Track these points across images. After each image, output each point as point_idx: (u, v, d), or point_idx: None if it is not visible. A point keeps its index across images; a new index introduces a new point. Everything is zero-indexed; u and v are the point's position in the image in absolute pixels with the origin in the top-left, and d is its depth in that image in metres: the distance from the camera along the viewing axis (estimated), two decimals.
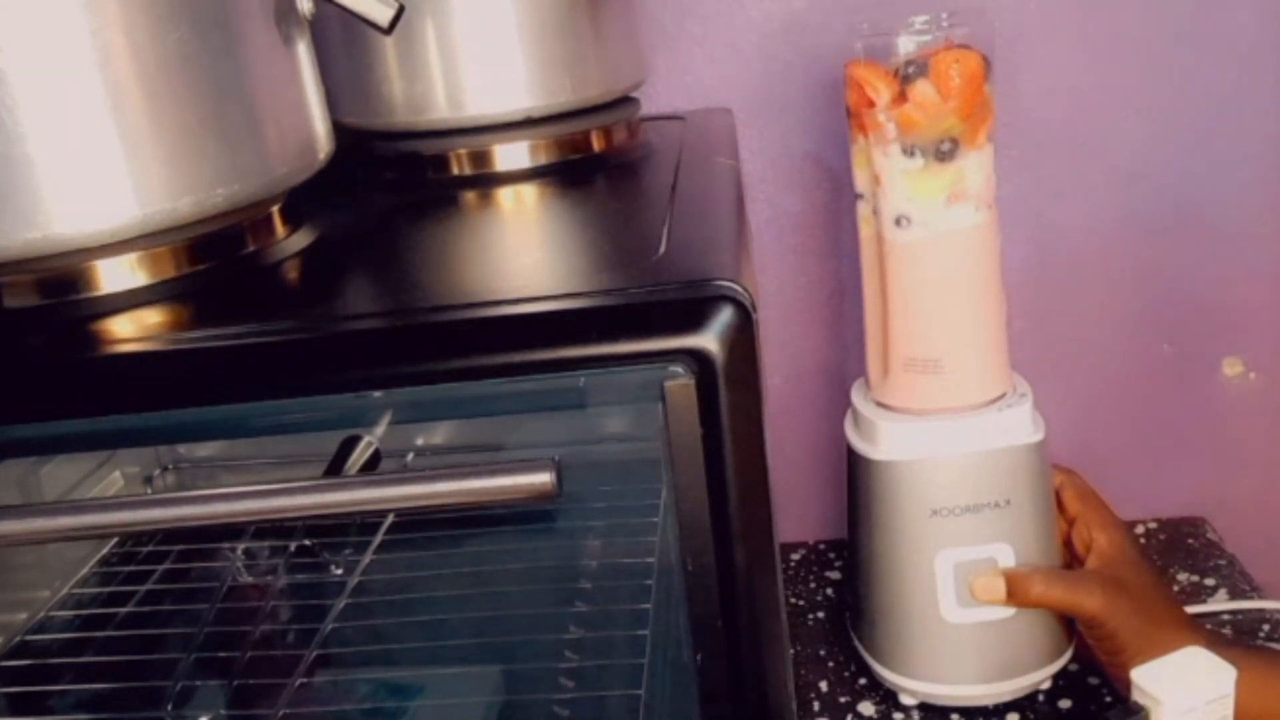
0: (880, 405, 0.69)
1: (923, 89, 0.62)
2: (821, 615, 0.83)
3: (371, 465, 0.42)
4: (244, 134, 0.45)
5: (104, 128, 0.41)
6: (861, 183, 0.67)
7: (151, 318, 0.44)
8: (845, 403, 0.72)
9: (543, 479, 0.36)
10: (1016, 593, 0.65)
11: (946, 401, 0.67)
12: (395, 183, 0.66)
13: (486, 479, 0.36)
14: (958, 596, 0.67)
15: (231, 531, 0.76)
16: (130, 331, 0.42)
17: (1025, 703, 0.71)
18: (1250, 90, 0.80)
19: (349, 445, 0.42)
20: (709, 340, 0.38)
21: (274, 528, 0.76)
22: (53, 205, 0.41)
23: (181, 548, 0.78)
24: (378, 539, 0.75)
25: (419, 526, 0.76)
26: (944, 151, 0.63)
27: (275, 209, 0.51)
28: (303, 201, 0.54)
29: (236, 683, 0.63)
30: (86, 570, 0.78)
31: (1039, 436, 0.67)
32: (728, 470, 0.39)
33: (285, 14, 0.48)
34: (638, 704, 0.58)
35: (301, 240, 0.52)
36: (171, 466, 0.83)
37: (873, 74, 0.63)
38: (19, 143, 0.40)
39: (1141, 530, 0.90)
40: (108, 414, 0.40)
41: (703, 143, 0.70)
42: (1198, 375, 0.88)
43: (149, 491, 0.81)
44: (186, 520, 0.38)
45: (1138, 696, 0.58)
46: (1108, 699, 0.71)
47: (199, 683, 0.63)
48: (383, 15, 0.48)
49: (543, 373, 0.39)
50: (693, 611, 0.41)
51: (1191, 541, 0.88)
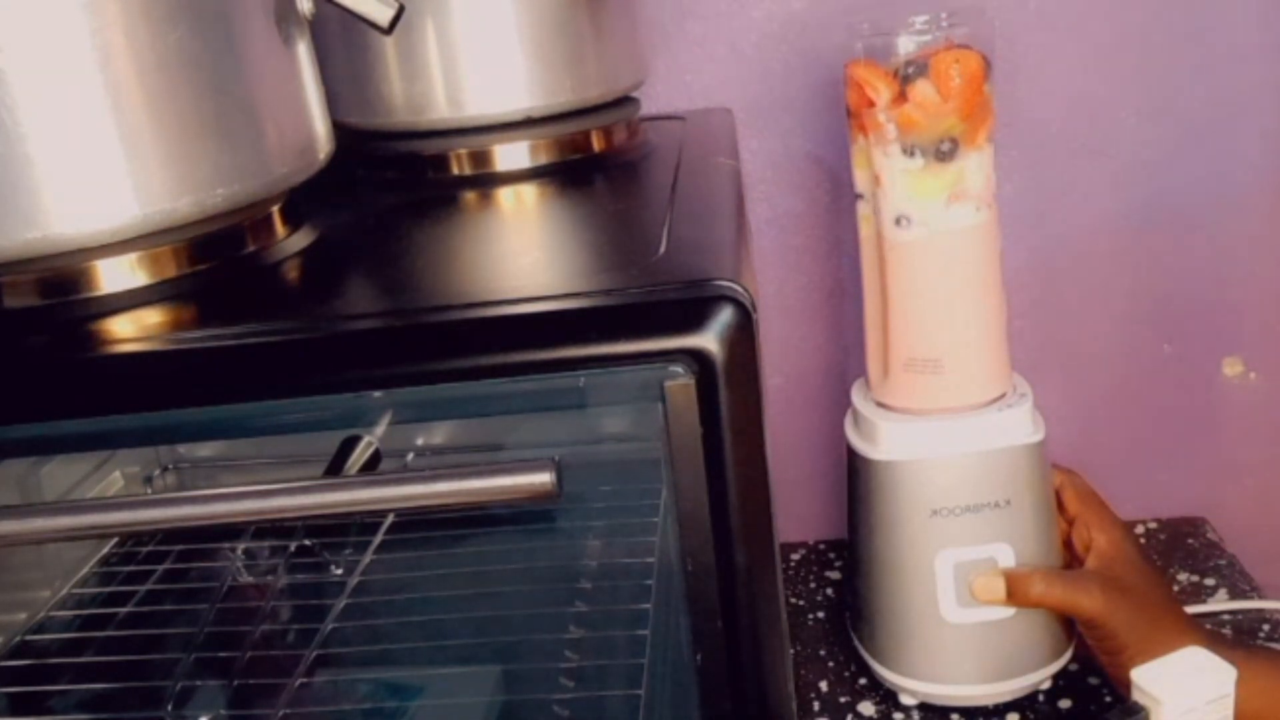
0: (880, 405, 0.69)
1: (923, 89, 0.62)
2: (821, 615, 0.83)
3: (371, 465, 0.42)
4: (244, 134, 0.45)
5: (104, 128, 0.41)
6: (861, 183, 0.67)
7: (151, 318, 0.44)
8: (845, 403, 0.72)
9: (543, 479, 0.36)
10: (1016, 593, 0.65)
11: (946, 401, 0.67)
12: (395, 183, 0.66)
13: (486, 479, 0.36)
14: (958, 596, 0.67)
15: (231, 531, 0.76)
16: (130, 331, 0.42)
17: (1025, 703, 0.71)
18: (1250, 90, 0.80)
19: (349, 445, 0.42)
20: (709, 340, 0.38)
21: (274, 528, 0.76)
22: (53, 205, 0.41)
23: (181, 548, 0.78)
24: (378, 539, 0.75)
25: (419, 526, 0.76)
26: (944, 151, 0.63)
27: (275, 209, 0.51)
28: (303, 201, 0.55)
29: (236, 683, 0.63)
30: (86, 570, 0.78)
31: (1039, 436, 0.67)
32: (728, 470, 0.39)
33: (285, 14, 0.48)
34: (638, 704, 0.58)
35: (301, 240, 0.52)
36: (171, 466, 0.83)
37: (873, 74, 0.63)
38: (19, 143, 0.40)
39: (1141, 530, 0.90)
40: (108, 414, 0.40)
41: (703, 143, 0.70)
42: (1198, 375, 0.88)
43: (149, 491, 0.81)
44: (186, 520, 0.38)
45: (1138, 696, 0.58)
46: (1108, 699, 0.71)
47: (199, 683, 0.63)
48: (383, 15, 0.48)
49: (543, 373, 0.39)
50: (693, 611, 0.41)
51: (1191, 541, 0.88)
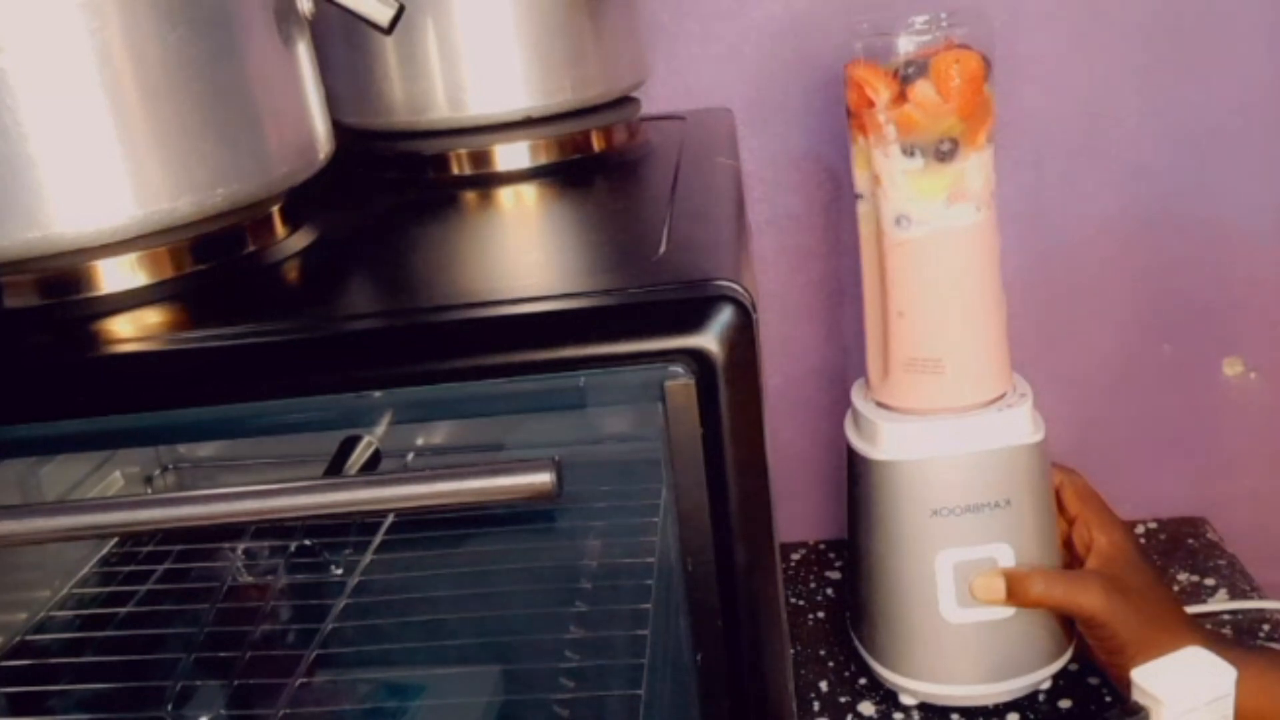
0: (880, 405, 0.69)
1: (923, 89, 0.62)
2: (821, 615, 0.83)
3: (371, 465, 0.42)
4: (244, 134, 0.45)
5: (104, 128, 0.41)
6: (861, 183, 0.67)
7: (151, 318, 0.44)
8: (845, 403, 0.72)
9: (543, 479, 0.36)
10: (1016, 593, 0.65)
11: (946, 401, 0.67)
12: (395, 183, 0.66)
13: (486, 479, 0.36)
14: (958, 596, 0.67)
15: (231, 531, 0.76)
16: (130, 331, 0.42)
17: (1025, 703, 0.71)
18: (1250, 90, 0.80)
19: (349, 445, 0.42)
20: (709, 340, 0.38)
21: (274, 528, 0.76)
22: (53, 205, 0.41)
23: (181, 548, 0.78)
24: (378, 539, 0.75)
25: (419, 526, 0.76)
26: (944, 152, 0.63)
27: (275, 209, 0.51)
28: (303, 201, 0.54)
29: (236, 683, 0.63)
30: (86, 570, 0.78)
31: (1039, 436, 0.67)
32: (728, 470, 0.39)
33: (285, 14, 0.48)
34: (638, 704, 0.58)
35: (301, 240, 0.52)
36: (171, 466, 0.83)
37: (872, 74, 0.63)
38: (20, 143, 0.40)
39: (1141, 530, 0.90)
40: (108, 414, 0.40)
41: (703, 143, 0.70)
42: (1198, 375, 0.88)
43: (149, 491, 0.81)
44: (186, 520, 0.38)
45: (1138, 696, 0.58)
46: (1108, 699, 0.71)
47: (199, 683, 0.63)
48: (383, 15, 0.48)
49: (543, 373, 0.38)
50: (693, 611, 0.41)
51: (1191, 541, 0.88)
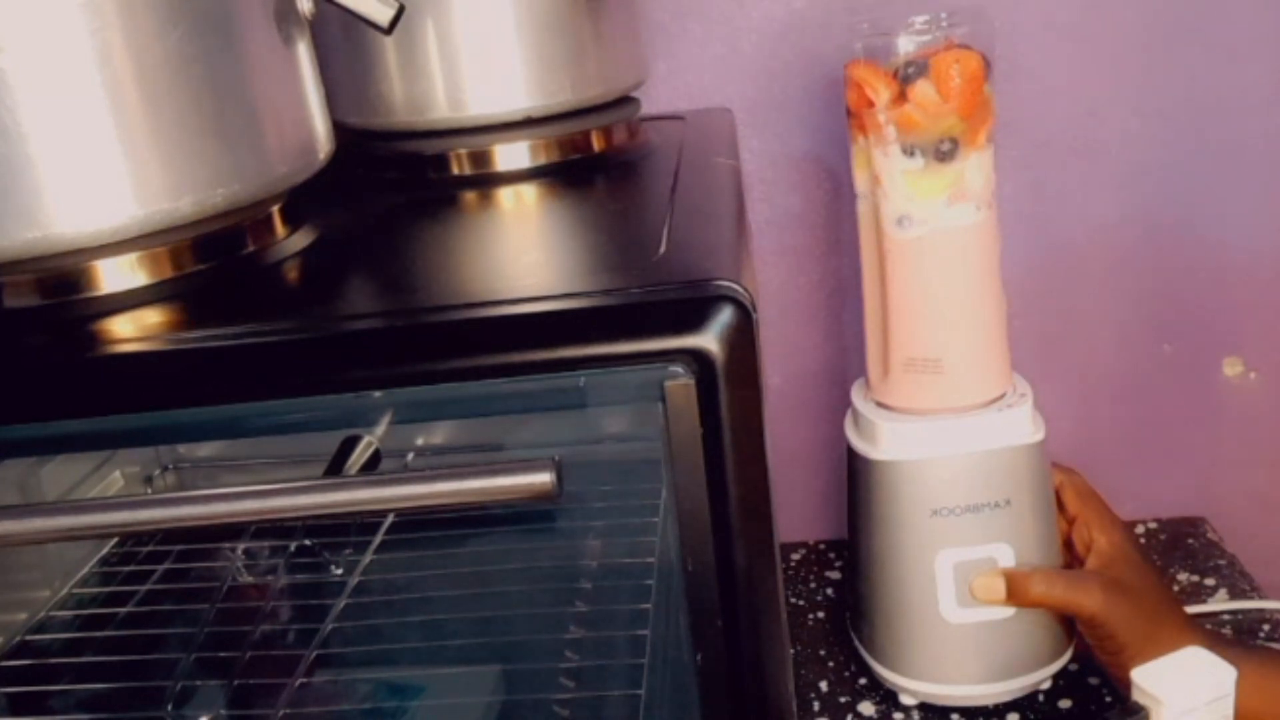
0: (880, 405, 0.69)
1: (923, 89, 0.62)
2: (821, 615, 0.83)
3: (371, 465, 0.42)
4: (244, 134, 0.45)
5: (104, 128, 0.41)
6: (861, 183, 0.67)
7: (151, 318, 0.44)
8: (845, 403, 0.72)
9: (543, 479, 0.36)
10: (1016, 593, 0.65)
11: (946, 401, 0.67)
12: (395, 183, 0.66)
13: (486, 479, 0.36)
14: (958, 596, 0.67)
15: (231, 531, 0.76)
16: (130, 331, 0.42)
17: (1025, 703, 0.71)
18: (1250, 90, 0.80)
19: (349, 445, 0.42)
20: (709, 340, 0.38)
21: (274, 528, 0.76)
22: (53, 205, 0.41)
23: (181, 548, 0.78)
24: (378, 539, 0.75)
25: (419, 526, 0.76)
26: (944, 152, 0.63)
27: (275, 209, 0.51)
28: (303, 201, 0.54)
29: (236, 683, 0.63)
30: (86, 570, 0.78)
31: (1039, 436, 0.67)
32: (728, 470, 0.39)
33: (285, 14, 0.48)
34: (638, 704, 0.58)
35: (301, 240, 0.52)
36: (171, 466, 0.83)
37: (872, 74, 0.63)
38: (20, 143, 0.40)
39: (1141, 530, 0.90)
40: (108, 414, 0.40)
41: (703, 143, 0.70)
42: (1198, 375, 0.88)
43: (149, 491, 0.81)
44: (186, 520, 0.38)
45: (1138, 696, 0.58)
46: (1108, 699, 0.71)
47: (199, 683, 0.63)
48: (383, 15, 0.48)
49: (543, 373, 0.39)
50: (693, 611, 0.41)
51: (1191, 541, 0.88)
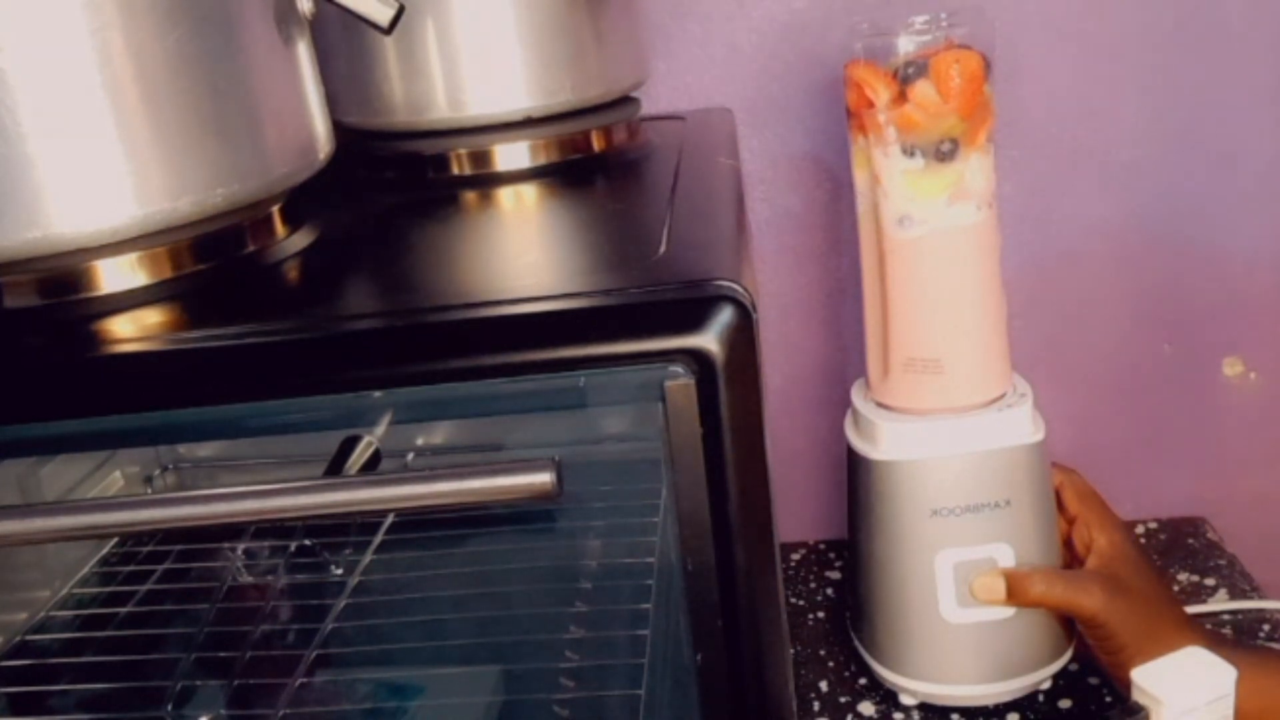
0: (880, 405, 0.69)
1: (923, 89, 0.62)
2: (821, 615, 0.83)
3: (371, 465, 0.42)
4: (244, 134, 0.45)
5: (104, 128, 0.41)
6: (861, 183, 0.67)
7: (151, 318, 0.44)
8: (845, 403, 0.72)
9: (543, 479, 0.36)
10: (1016, 593, 0.65)
11: (946, 401, 0.67)
12: (395, 183, 0.66)
13: (486, 479, 0.36)
14: (958, 596, 0.67)
15: (231, 531, 0.76)
16: (130, 331, 0.42)
17: (1025, 703, 0.71)
18: (1249, 90, 0.80)
19: (349, 445, 0.42)
20: (709, 340, 0.38)
21: (274, 528, 0.76)
22: (53, 205, 0.41)
23: (181, 548, 0.78)
24: (378, 539, 0.75)
25: (419, 526, 0.76)
26: (944, 152, 0.62)
27: (275, 209, 0.51)
28: (303, 201, 0.55)
29: (236, 683, 0.63)
30: (86, 570, 0.78)
31: (1039, 436, 0.67)
32: (728, 470, 0.39)
33: (285, 14, 0.48)
34: (638, 704, 0.58)
35: (301, 240, 0.52)
36: (171, 466, 0.83)
37: (872, 75, 0.63)
38: (20, 143, 0.40)
39: (1141, 530, 0.90)
40: (108, 414, 0.40)
41: (703, 143, 0.70)
42: (1198, 375, 0.88)
43: (149, 491, 0.81)
44: (186, 520, 0.38)
45: (1138, 696, 0.58)
46: (1108, 699, 0.71)
47: (199, 683, 0.63)
48: (383, 15, 0.48)
49: (543, 373, 0.39)
50: (693, 611, 0.41)
51: (1191, 541, 0.88)
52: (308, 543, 0.75)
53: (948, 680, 0.69)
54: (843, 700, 0.74)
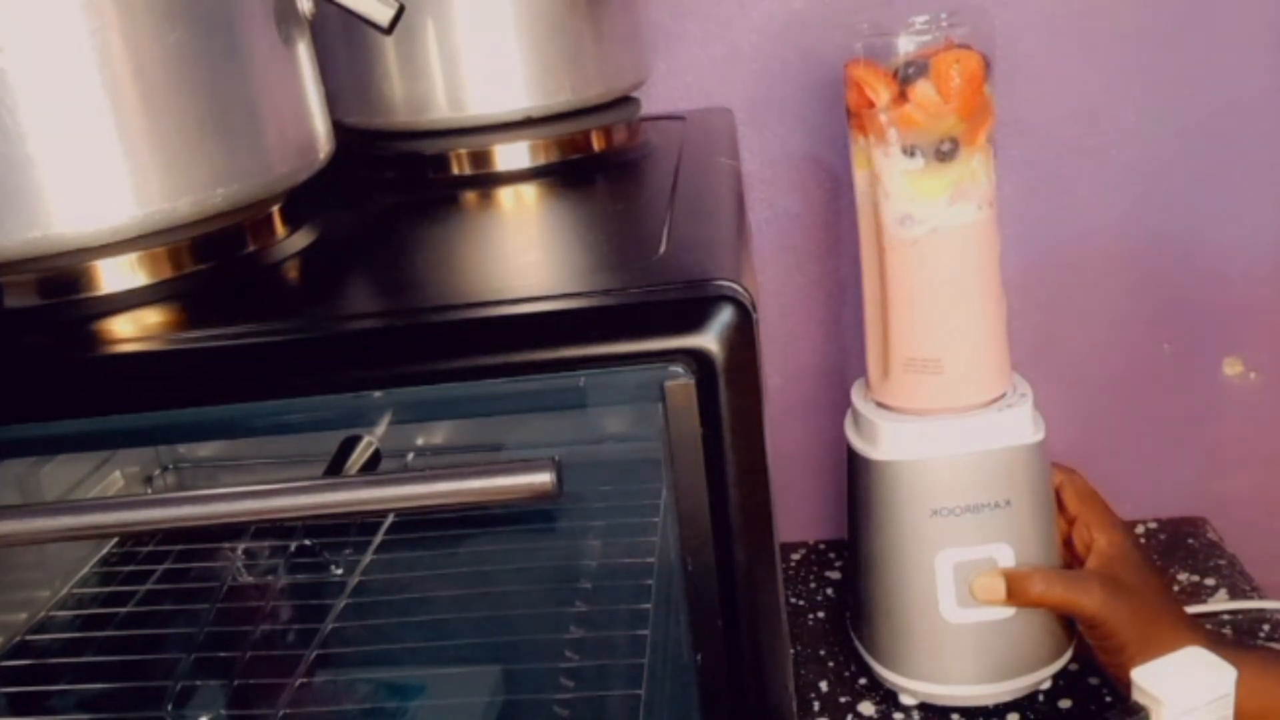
0: (880, 405, 0.69)
1: (923, 89, 0.62)
2: (821, 615, 0.83)
3: (371, 465, 0.42)
4: (244, 134, 0.45)
5: (104, 128, 0.41)
6: (862, 182, 0.67)
7: (151, 318, 0.44)
8: (845, 403, 0.72)
9: (543, 479, 0.36)
10: (1016, 593, 0.65)
11: (946, 401, 0.67)
12: (395, 183, 0.66)
13: (486, 479, 0.36)
14: (958, 596, 0.67)
15: (231, 531, 0.76)
16: (130, 331, 0.42)
17: (1025, 703, 0.71)
18: (1250, 90, 0.80)
19: (349, 445, 0.42)
20: (709, 340, 0.38)
21: (274, 528, 0.76)
22: (53, 205, 0.41)
23: (181, 548, 0.78)
24: (378, 539, 0.75)
25: (419, 526, 0.76)
26: (944, 152, 0.62)
27: (275, 209, 0.51)
28: (303, 201, 0.55)
29: (237, 683, 0.63)
30: (86, 570, 0.78)
31: (1039, 436, 0.67)
32: (728, 470, 0.39)
33: (285, 14, 0.48)
34: (638, 704, 0.58)
35: (301, 240, 0.52)
36: (171, 466, 0.83)
37: (872, 75, 0.63)
38: (20, 143, 0.40)
39: (1141, 530, 0.90)
40: (108, 414, 0.40)
41: (703, 143, 0.70)
42: (1198, 375, 0.88)
43: (149, 491, 0.81)
44: (186, 520, 0.38)
45: (1138, 696, 0.58)
46: (1108, 699, 0.71)
47: (199, 683, 0.63)
48: (383, 15, 0.48)
49: (543, 373, 0.39)
50: (693, 611, 0.41)
51: (1191, 541, 0.88)
52: (308, 543, 0.75)
53: (948, 680, 0.69)
54: (843, 700, 0.74)
